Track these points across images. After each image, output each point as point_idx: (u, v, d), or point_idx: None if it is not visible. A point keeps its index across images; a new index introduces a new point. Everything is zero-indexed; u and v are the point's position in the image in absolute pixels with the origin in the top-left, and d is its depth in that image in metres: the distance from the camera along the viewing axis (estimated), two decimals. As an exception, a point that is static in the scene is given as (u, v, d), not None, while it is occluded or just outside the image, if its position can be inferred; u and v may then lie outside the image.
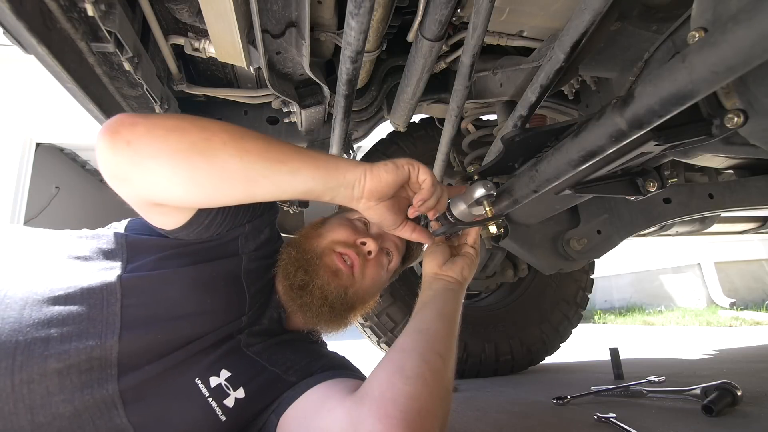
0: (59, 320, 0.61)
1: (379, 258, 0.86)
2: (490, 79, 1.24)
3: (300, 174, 0.63)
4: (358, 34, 0.82)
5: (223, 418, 0.67)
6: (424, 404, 0.57)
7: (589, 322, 6.87)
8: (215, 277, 0.75)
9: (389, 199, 0.69)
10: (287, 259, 0.83)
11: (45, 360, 0.58)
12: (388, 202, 0.69)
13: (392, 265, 0.90)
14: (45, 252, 0.71)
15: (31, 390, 0.57)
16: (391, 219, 0.72)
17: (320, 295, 0.79)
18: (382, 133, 2.08)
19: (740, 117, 0.50)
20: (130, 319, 0.65)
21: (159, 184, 0.61)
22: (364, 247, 0.84)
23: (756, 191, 1.46)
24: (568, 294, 2.40)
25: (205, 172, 0.60)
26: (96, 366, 0.61)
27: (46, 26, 0.79)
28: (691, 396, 1.42)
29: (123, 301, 0.66)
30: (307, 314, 0.80)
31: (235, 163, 0.60)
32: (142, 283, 0.69)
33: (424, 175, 0.68)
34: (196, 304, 0.71)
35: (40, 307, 0.61)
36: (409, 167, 0.68)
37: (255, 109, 1.49)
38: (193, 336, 0.69)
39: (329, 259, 0.82)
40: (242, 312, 0.76)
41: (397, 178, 0.67)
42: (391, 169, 0.66)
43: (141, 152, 0.59)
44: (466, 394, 1.80)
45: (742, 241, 6.25)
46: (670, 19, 0.81)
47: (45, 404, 0.57)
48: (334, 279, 0.80)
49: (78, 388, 0.59)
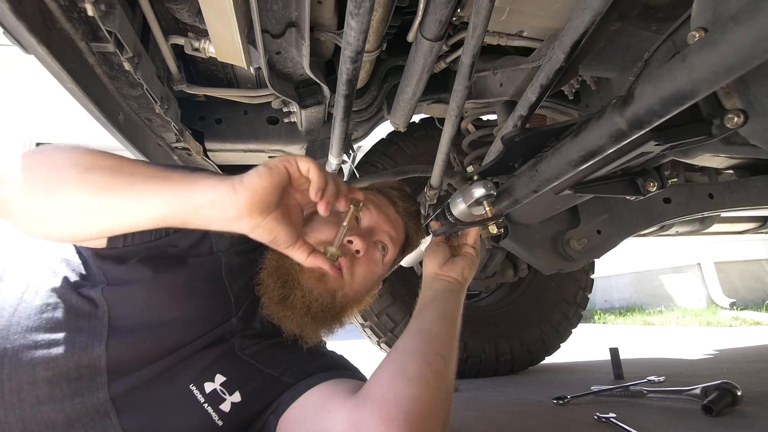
0: (47, 328, 0.61)
1: (370, 254, 0.80)
2: (490, 79, 1.24)
3: (148, 200, 0.56)
4: (358, 34, 0.82)
5: (220, 423, 0.67)
6: (426, 405, 0.57)
7: (589, 322, 6.86)
8: (194, 279, 0.73)
9: (276, 210, 0.59)
10: (268, 269, 0.78)
11: (33, 368, 0.58)
12: (275, 213, 0.59)
13: (388, 257, 0.85)
14: (36, 258, 0.71)
15: (21, 399, 0.57)
16: (284, 232, 0.60)
17: (301, 307, 0.74)
18: (382, 133, 2.08)
19: (740, 117, 0.50)
20: (116, 328, 0.65)
21: (26, 225, 0.60)
22: (351, 246, 0.78)
23: (756, 191, 1.46)
24: (568, 294, 2.40)
25: (57, 212, 0.57)
26: (85, 374, 0.61)
27: (46, 26, 0.79)
28: (691, 396, 1.42)
29: (110, 313, 0.65)
30: (289, 327, 0.76)
31: (77, 200, 0.56)
32: (123, 294, 0.68)
33: (305, 164, 0.60)
34: (178, 310, 0.70)
35: (29, 314, 0.61)
36: (284, 164, 0.59)
37: (255, 109, 1.49)
38: (181, 342, 0.68)
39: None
40: (229, 313, 0.75)
41: (273, 180, 0.57)
42: (264, 172, 0.57)
43: (4, 200, 0.58)
44: (466, 394, 1.80)
45: (742, 241, 6.25)
46: (670, 19, 0.81)
47: (35, 413, 0.57)
48: (319, 284, 0.75)
49: (68, 396, 0.59)
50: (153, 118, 1.30)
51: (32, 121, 4.38)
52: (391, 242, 0.84)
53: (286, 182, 0.59)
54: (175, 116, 1.28)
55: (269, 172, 0.57)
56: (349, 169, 1.96)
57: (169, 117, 1.22)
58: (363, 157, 2.17)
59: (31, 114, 4.31)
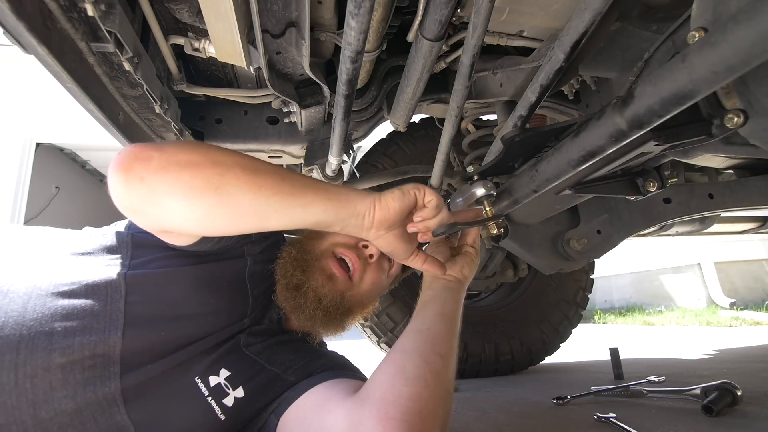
0: (63, 315, 0.61)
1: (380, 262, 0.86)
2: (490, 79, 1.24)
3: (312, 207, 0.64)
4: (358, 34, 0.82)
5: (223, 417, 0.67)
6: (425, 405, 0.57)
7: (589, 322, 6.86)
8: (219, 278, 0.75)
9: (399, 228, 0.70)
10: (287, 257, 0.83)
11: (49, 354, 0.58)
12: (397, 231, 0.70)
13: (393, 270, 0.90)
14: (48, 248, 0.71)
15: (34, 384, 0.57)
16: (402, 248, 0.72)
17: (314, 297, 0.79)
18: (382, 133, 2.08)
19: (740, 117, 0.50)
20: (133, 316, 0.65)
21: (173, 219, 0.62)
22: (366, 250, 0.84)
23: (756, 191, 1.46)
24: (568, 294, 2.40)
25: (219, 209, 0.60)
26: (99, 363, 0.61)
27: (46, 26, 0.79)
28: (691, 396, 1.42)
29: (127, 298, 0.66)
30: (301, 316, 0.80)
31: (248, 200, 0.60)
32: (146, 281, 0.69)
33: (429, 197, 0.69)
34: (198, 304, 0.71)
35: (44, 301, 0.61)
36: (415, 191, 0.69)
37: (255, 109, 1.49)
38: (195, 336, 0.69)
39: (326, 263, 0.82)
40: (244, 314, 0.76)
41: (404, 205, 0.68)
42: (398, 196, 0.68)
43: (155, 189, 0.59)
44: (466, 394, 1.80)
45: (742, 241, 6.25)
46: (670, 19, 0.81)
47: (47, 399, 0.57)
48: (328, 283, 0.80)
49: (81, 384, 0.59)
50: (153, 118, 1.30)
51: (32, 121, 4.38)
52: None
53: (412, 207, 0.69)
54: (175, 116, 1.28)
55: (402, 197, 0.68)
56: (349, 169, 1.96)
57: (169, 117, 1.22)
58: (363, 157, 2.17)
59: (31, 114, 4.31)
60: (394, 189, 0.69)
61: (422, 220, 0.70)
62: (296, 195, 0.63)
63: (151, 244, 0.74)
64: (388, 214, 0.67)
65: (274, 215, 0.62)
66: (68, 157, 5.26)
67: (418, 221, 0.70)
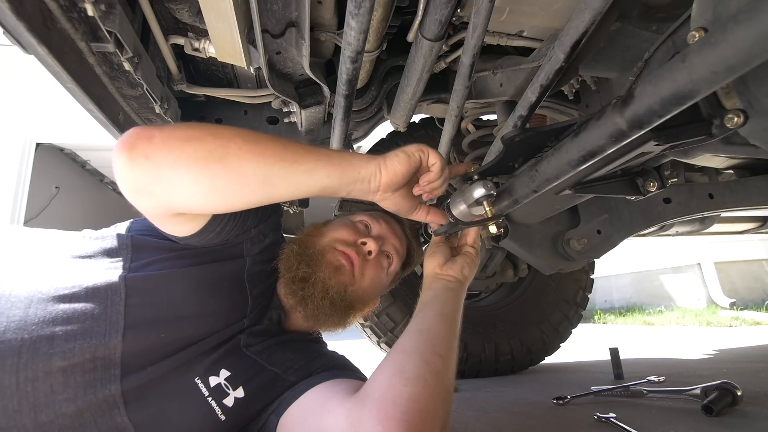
0: (64, 319, 0.61)
1: (379, 259, 0.87)
2: (490, 79, 1.24)
3: (316, 173, 0.64)
4: (358, 34, 0.82)
5: (223, 418, 0.67)
6: (425, 405, 0.57)
7: (589, 322, 6.86)
8: (219, 278, 0.75)
9: (403, 187, 0.72)
10: (289, 253, 0.84)
11: (50, 358, 0.58)
12: (402, 190, 0.72)
13: (392, 268, 0.91)
14: (49, 251, 0.71)
15: (36, 388, 0.57)
16: (407, 205, 0.74)
17: (321, 288, 0.80)
18: (382, 133, 2.07)
19: (740, 117, 0.50)
20: (133, 319, 0.65)
21: (180, 194, 0.62)
22: (364, 246, 0.85)
23: (756, 191, 1.46)
24: (568, 294, 2.40)
25: (225, 179, 0.61)
26: (100, 366, 0.61)
27: (46, 26, 0.79)
28: (691, 396, 1.42)
29: (127, 300, 0.66)
30: (308, 307, 0.80)
31: (252, 168, 0.61)
32: (146, 283, 0.69)
33: (434, 159, 0.70)
34: (198, 304, 0.71)
35: (45, 305, 0.61)
36: (419, 153, 0.70)
37: (255, 109, 1.49)
38: (196, 337, 0.69)
39: (331, 256, 0.83)
40: (244, 314, 0.76)
41: (409, 167, 0.69)
42: (404, 159, 0.68)
43: (160, 165, 0.59)
44: (466, 394, 1.80)
45: (742, 241, 6.25)
46: (670, 19, 0.81)
47: (48, 402, 0.57)
48: (335, 274, 0.81)
49: (81, 387, 0.59)
50: (153, 118, 1.30)
51: (32, 121, 4.38)
52: (396, 254, 0.92)
53: (417, 168, 0.70)
54: (175, 116, 1.28)
55: (408, 159, 0.68)
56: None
57: (169, 117, 1.22)
58: (363, 157, 2.16)
59: (31, 114, 4.31)
60: (398, 152, 0.69)
61: (428, 184, 0.71)
62: (299, 161, 0.63)
63: (151, 247, 0.74)
64: (395, 178, 0.68)
65: (279, 182, 0.63)
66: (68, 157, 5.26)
67: (424, 185, 0.72)
